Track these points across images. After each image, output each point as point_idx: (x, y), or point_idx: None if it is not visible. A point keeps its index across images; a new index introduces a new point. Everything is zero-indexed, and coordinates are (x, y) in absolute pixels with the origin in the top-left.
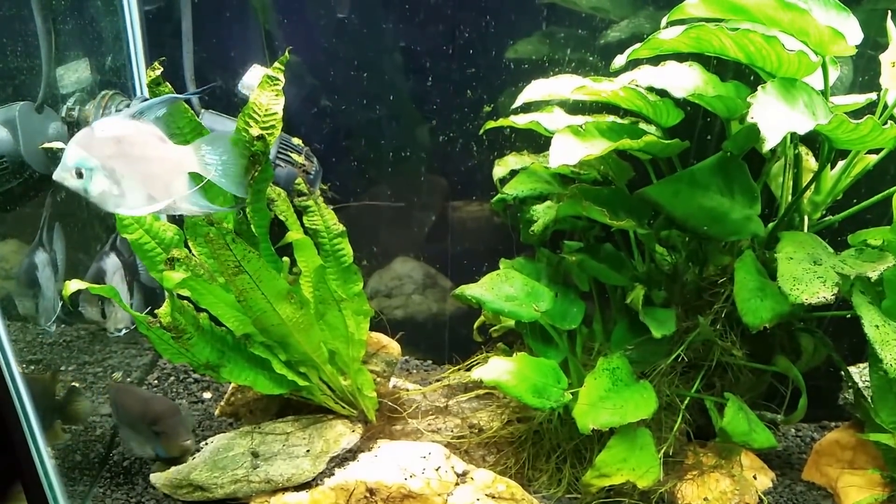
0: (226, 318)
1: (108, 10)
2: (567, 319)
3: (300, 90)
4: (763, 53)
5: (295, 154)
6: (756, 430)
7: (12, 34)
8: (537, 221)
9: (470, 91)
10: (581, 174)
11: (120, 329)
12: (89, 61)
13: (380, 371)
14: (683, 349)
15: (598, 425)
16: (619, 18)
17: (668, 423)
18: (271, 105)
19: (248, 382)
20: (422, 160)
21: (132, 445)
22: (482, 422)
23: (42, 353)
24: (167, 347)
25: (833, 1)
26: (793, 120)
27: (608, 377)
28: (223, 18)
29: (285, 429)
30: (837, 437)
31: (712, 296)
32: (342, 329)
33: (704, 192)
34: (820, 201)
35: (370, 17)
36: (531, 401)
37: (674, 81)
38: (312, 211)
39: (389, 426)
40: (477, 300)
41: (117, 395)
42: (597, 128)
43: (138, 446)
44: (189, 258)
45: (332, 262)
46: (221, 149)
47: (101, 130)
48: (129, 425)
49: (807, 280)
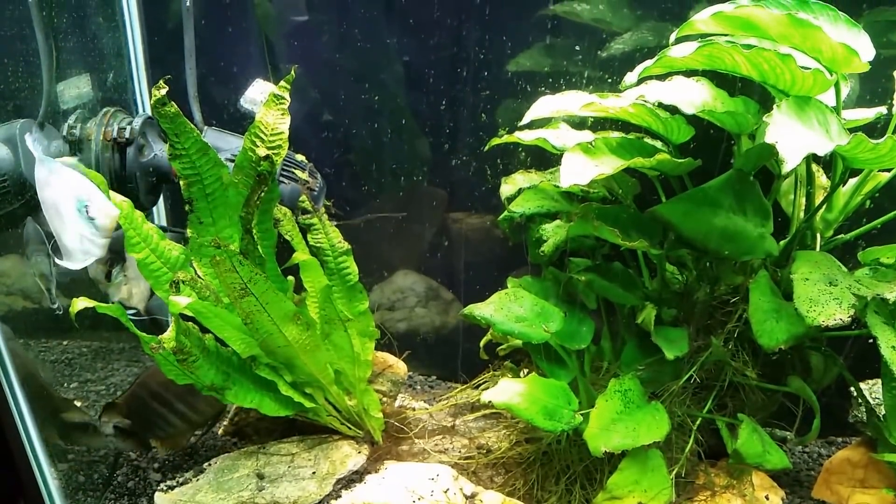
0: (232, 340)
1: (110, 27)
2: (577, 339)
3: (302, 105)
4: (777, 72)
5: (298, 170)
6: (770, 451)
7: (13, 53)
8: (547, 242)
9: (471, 103)
10: (590, 192)
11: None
12: (90, 78)
13: (386, 391)
14: (696, 370)
15: (610, 448)
16: (622, 30)
17: (679, 444)
18: (277, 124)
19: (254, 405)
20: (423, 172)
21: None
22: (490, 442)
23: (44, 371)
24: (172, 368)
25: (843, 16)
26: (812, 141)
27: (620, 399)
28: (225, 33)
29: (290, 449)
30: (848, 455)
31: (724, 315)
32: (348, 349)
33: (716, 211)
34: (832, 219)
35: (372, 31)
36: (543, 423)
37: (683, 97)
38: (317, 229)
39: (396, 447)
40: (486, 321)
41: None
42: (606, 145)
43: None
44: (194, 280)
45: (337, 280)
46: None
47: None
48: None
49: (823, 301)
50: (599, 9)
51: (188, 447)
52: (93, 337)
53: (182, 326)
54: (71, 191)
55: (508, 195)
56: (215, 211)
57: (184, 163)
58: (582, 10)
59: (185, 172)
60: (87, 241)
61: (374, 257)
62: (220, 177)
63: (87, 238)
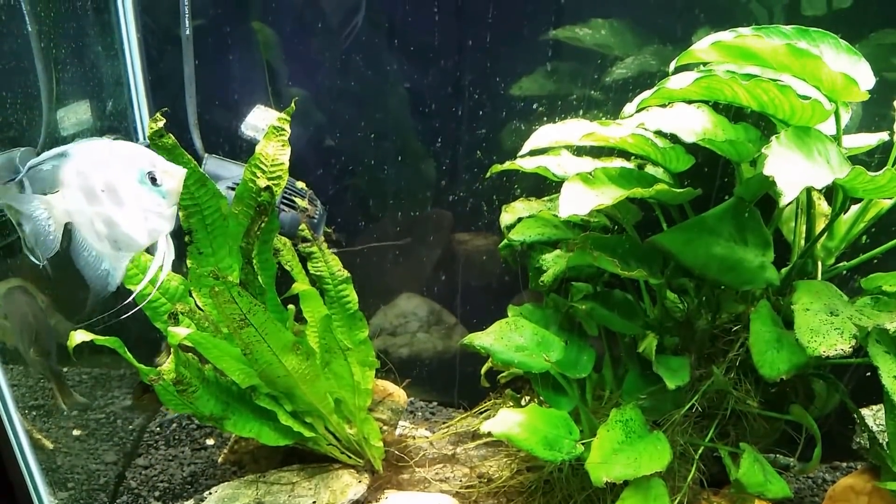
0: (231, 370)
1: (109, 55)
2: (577, 368)
3: (304, 130)
4: (776, 102)
5: (298, 198)
6: (771, 480)
7: (12, 81)
8: (547, 272)
9: (474, 127)
10: (590, 221)
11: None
12: (90, 106)
13: (386, 419)
14: (697, 398)
15: (612, 478)
16: (624, 55)
17: (681, 472)
18: (278, 156)
19: (253, 434)
20: (426, 196)
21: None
22: (491, 471)
23: (43, 398)
24: (171, 398)
25: (844, 44)
26: (810, 174)
27: (621, 429)
28: (225, 60)
29: (290, 478)
30: (852, 482)
31: (726, 343)
32: (348, 378)
33: (717, 240)
34: (833, 247)
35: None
36: (543, 453)
37: (683, 125)
38: (316, 257)
39: (396, 475)
40: (486, 350)
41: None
42: (606, 174)
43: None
44: (193, 311)
45: (336, 308)
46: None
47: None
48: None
49: (824, 332)
50: (602, 34)
51: (188, 476)
52: (93, 363)
53: (182, 357)
54: (130, 163)
55: (508, 223)
56: (215, 241)
57: (182, 194)
58: (584, 35)
59: (184, 203)
60: (152, 216)
61: (378, 281)
62: (220, 207)
63: (152, 212)
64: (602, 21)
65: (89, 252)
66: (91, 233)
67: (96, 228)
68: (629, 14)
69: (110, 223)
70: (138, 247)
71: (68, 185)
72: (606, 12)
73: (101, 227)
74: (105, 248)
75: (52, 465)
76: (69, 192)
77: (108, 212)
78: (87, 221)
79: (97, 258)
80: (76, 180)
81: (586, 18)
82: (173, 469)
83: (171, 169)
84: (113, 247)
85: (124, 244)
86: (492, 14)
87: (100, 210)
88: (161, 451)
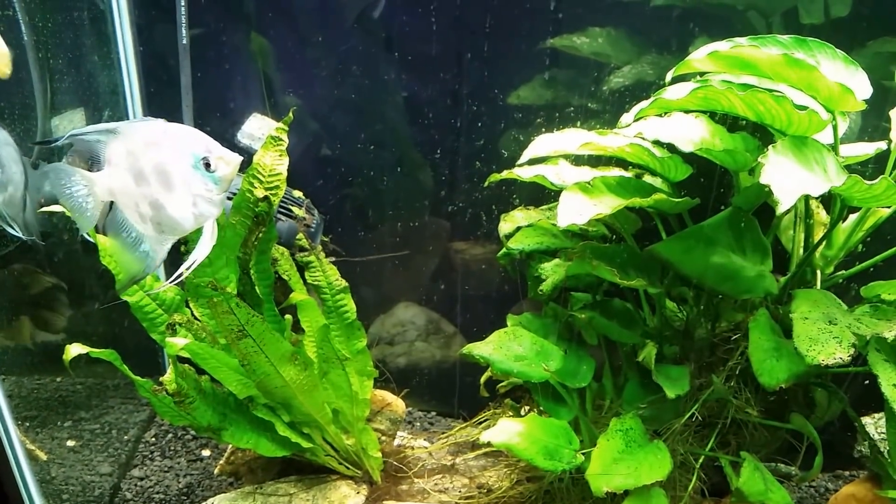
0: (228, 381)
1: (105, 65)
2: (577, 377)
3: (299, 139)
4: (773, 113)
5: (296, 207)
6: (772, 489)
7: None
8: (546, 281)
9: (472, 136)
10: (589, 230)
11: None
12: (85, 115)
13: (384, 429)
14: (697, 407)
15: (612, 488)
16: (621, 64)
17: (682, 482)
18: (275, 166)
19: (250, 445)
20: (425, 205)
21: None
22: (491, 481)
23: (38, 408)
24: (167, 410)
25: (841, 54)
26: (807, 182)
27: (621, 438)
28: (222, 69)
29: (288, 489)
30: (853, 490)
31: (725, 352)
32: (346, 388)
33: (715, 249)
34: (832, 256)
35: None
36: (543, 463)
37: (680, 134)
38: (314, 267)
39: (395, 486)
40: (485, 360)
41: None
42: (605, 183)
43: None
44: (191, 322)
45: (334, 318)
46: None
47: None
48: None
49: (823, 340)
50: (599, 42)
51: (184, 488)
52: (87, 374)
53: (179, 369)
54: (185, 147)
55: (507, 232)
56: (212, 251)
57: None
58: (581, 44)
59: None
60: (202, 202)
61: (376, 290)
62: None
63: (202, 197)
64: (599, 30)
65: (129, 233)
66: (134, 214)
67: (140, 210)
68: (626, 23)
69: (157, 206)
70: (183, 231)
71: (115, 163)
72: (603, 21)
73: (147, 210)
74: (147, 231)
75: (46, 476)
76: (115, 171)
77: (156, 194)
78: (131, 202)
79: (136, 239)
80: (125, 160)
81: (584, 27)
82: (169, 480)
83: (227, 155)
84: (156, 229)
85: (169, 228)
86: (489, 24)
87: (146, 192)
88: (157, 462)
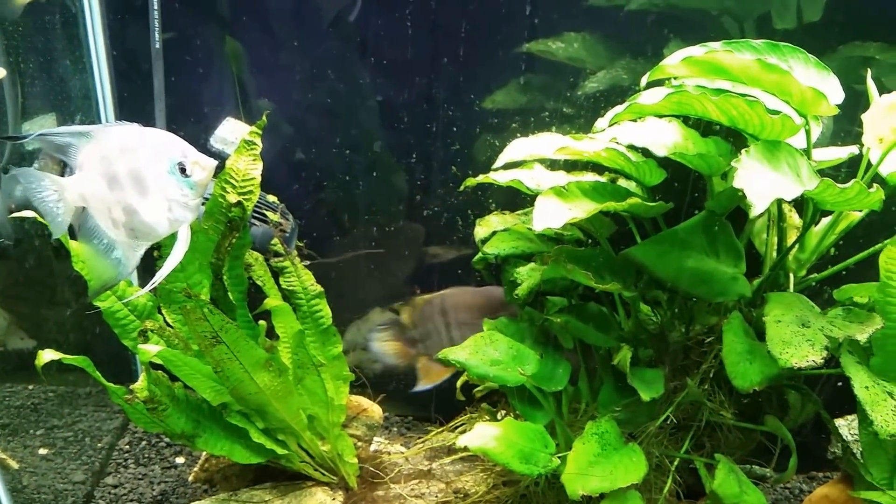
0: (202, 388)
1: (77, 69)
2: (553, 381)
3: (274, 143)
4: (746, 117)
5: (270, 212)
6: (747, 491)
7: None
8: (521, 285)
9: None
10: (564, 235)
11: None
12: (56, 119)
13: (360, 435)
14: (672, 410)
15: (588, 491)
16: (596, 69)
17: (657, 484)
18: (249, 170)
19: (225, 452)
20: (400, 210)
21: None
22: (467, 486)
23: (9, 416)
24: (141, 417)
25: (813, 59)
26: (779, 186)
27: (596, 441)
28: (195, 73)
29: (263, 497)
30: (827, 491)
31: (699, 355)
32: (321, 394)
33: (689, 253)
34: (805, 259)
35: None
36: (519, 467)
37: (654, 139)
38: (289, 272)
39: (371, 492)
40: (461, 365)
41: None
42: (580, 188)
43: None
44: (163, 329)
45: (309, 323)
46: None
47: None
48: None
49: (796, 343)
50: (574, 47)
51: (158, 495)
52: (59, 381)
53: (152, 375)
54: (161, 152)
55: (483, 237)
56: (185, 257)
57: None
58: (557, 48)
59: None
60: (178, 207)
61: (350, 295)
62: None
63: (177, 203)
64: (575, 35)
65: (100, 239)
66: (107, 220)
67: (113, 216)
68: (601, 28)
69: (130, 211)
70: (157, 237)
71: (88, 168)
72: (579, 26)
73: (120, 215)
74: (120, 236)
75: (18, 485)
76: (87, 176)
77: (130, 199)
78: (103, 207)
79: (108, 245)
80: (98, 165)
81: (559, 32)
82: (143, 488)
83: (203, 160)
84: (129, 235)
85: (142, 233)
86: (465, 28)
87: (120, 197)
88: (130, 469)
